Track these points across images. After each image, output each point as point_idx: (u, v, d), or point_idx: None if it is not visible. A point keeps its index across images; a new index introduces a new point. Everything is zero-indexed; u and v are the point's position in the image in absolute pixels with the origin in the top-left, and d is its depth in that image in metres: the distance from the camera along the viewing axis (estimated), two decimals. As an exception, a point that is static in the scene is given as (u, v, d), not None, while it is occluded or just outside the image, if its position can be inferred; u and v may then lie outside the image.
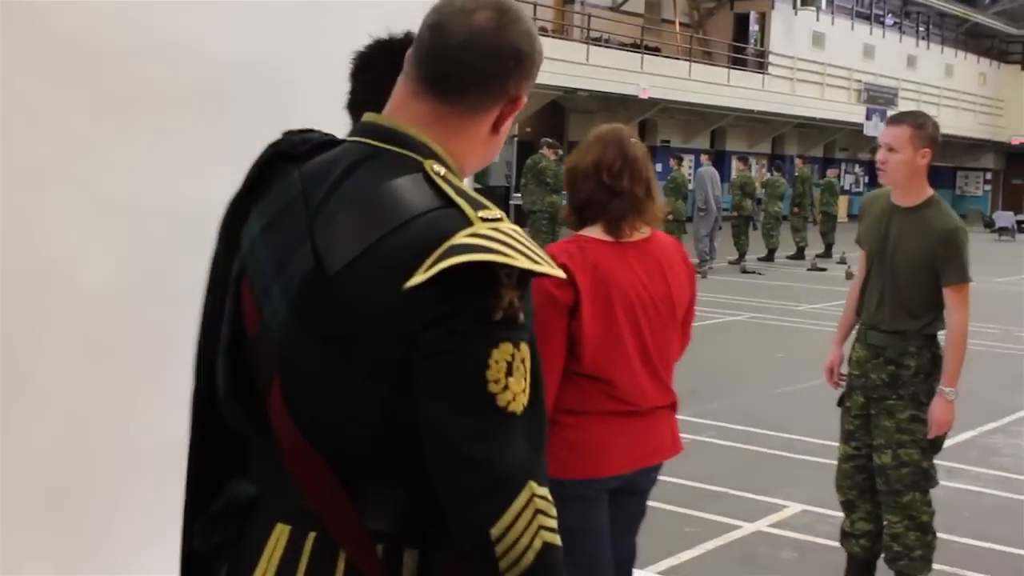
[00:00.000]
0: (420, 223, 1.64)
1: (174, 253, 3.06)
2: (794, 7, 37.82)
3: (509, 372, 1.61)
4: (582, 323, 3.27)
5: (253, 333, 1.78)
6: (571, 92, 29.94)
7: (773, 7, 37.42)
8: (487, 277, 1.60)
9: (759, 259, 22.99)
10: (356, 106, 3.87)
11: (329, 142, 1.88)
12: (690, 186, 22.42)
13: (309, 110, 3.88)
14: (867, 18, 43.06)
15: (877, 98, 39.13)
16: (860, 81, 40.46)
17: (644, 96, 30.28)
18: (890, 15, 44.93)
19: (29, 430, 3.04)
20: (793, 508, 6.67)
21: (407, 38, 3.91)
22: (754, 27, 37.83)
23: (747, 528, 6.33)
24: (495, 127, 1.82)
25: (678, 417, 3.59)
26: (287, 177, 1.83)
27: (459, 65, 1.75)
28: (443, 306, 1.60)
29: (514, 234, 1.64)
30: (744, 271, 21.26)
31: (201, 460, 1.95)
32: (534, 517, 1.61)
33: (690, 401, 8.99)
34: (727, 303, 16.25)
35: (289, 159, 1.86)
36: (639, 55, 31.31)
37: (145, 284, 3.21)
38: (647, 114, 33.12)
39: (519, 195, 20.87)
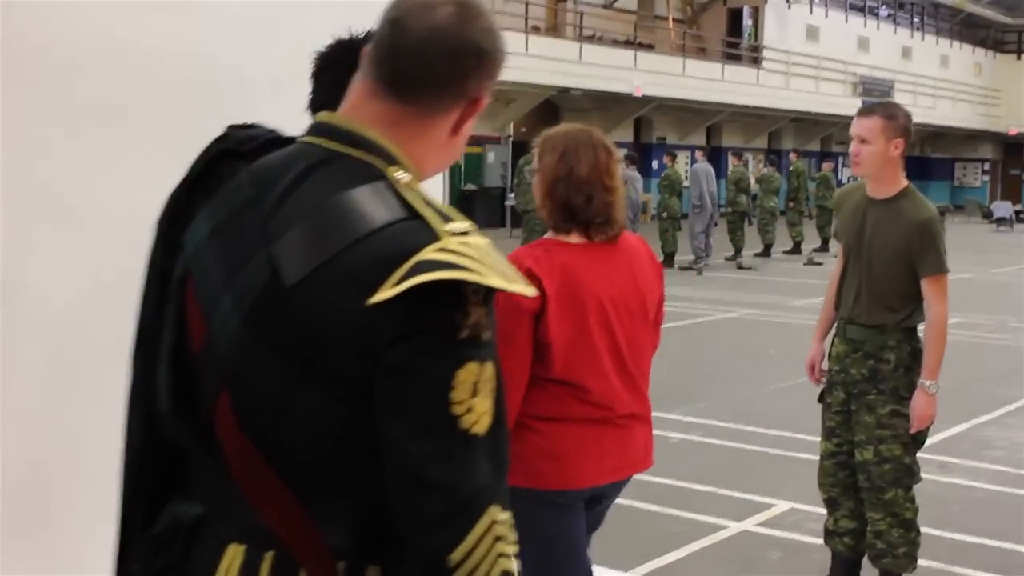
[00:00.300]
0: (384, 235, 1.56)
1: (143, 262, 2.99)
2: (787, 1, 37.77)
3: (474, 393, 1.55)
4: (549, 327, 3.21)
5: (199, 343, 1.69)
6: (564, 91, 29.92)
7: (766, 1, 37.35)
8: (454, 294, 1.53)
9: (755, 255, 22.91)
10: (317, 107, 3.81)
11: (276, 139, 1.80)
12: (685, 183, 22.33)
13: (281, 114, 3.85)
14: (861, 10, 42.98)
15: (873, 90, 39.02)
16: (855, 74, 40.41)
17: (638, 94, 30.21)
18: (884, 7, 44.88)
19: (3, 442, 3.00)
20: (781, 506, 6.58)
21: (367, 37, 3.87)
22: (748, 21, 37.76)
23: (734, 528, 6.24)
24: (455, 128, 1.74)
25: (667, 416, 3.55)
26: (236, 177, 1.74)
27: (418, 63, 1.67)
28: (408, 323, 1.52)
29: (484, 248, 1.57)
30: (740, 267, 21.20)
31: (137, 479, 1.85)
32: (494, 543, 1.55)
33: (680, 400, 8.96)
34: (721, 300, 16.19)
35: (236, 156, 1.78)
36: (632, 52, 31.24)
37: (114, 294, 3.14)
38: (642, 111, 33.07)
39: (513, 195, 20.81)
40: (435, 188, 5.78)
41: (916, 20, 46.80)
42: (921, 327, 4.76)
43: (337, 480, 1.62)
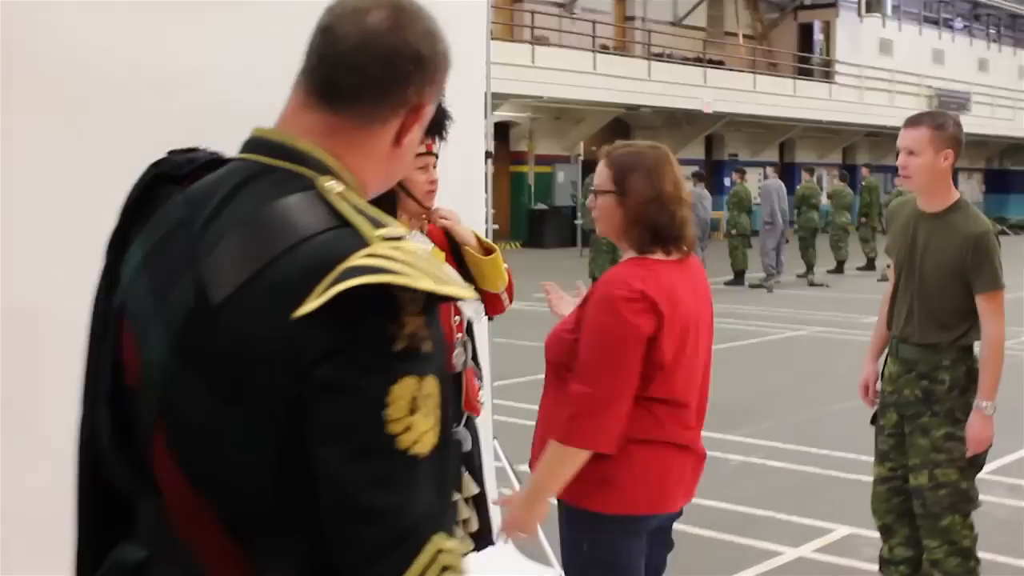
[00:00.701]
0: (311, 245, 1.46)
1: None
2: (859, 14, 37.41)
3: (412, 410, 1.42)
4: (663, 349, 3.12)
5: (134, 376, 1.60)
6: (634, 109, 29.81)
7: (838, 15, 36.98)
8: (387, 303, 1.41)
9: (828, 272, 22.54)
10: None
11: (216, 160, 1.70)
12: (756, 200, 22.07)
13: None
14: (935, 23, 42.42)
15: (949, 103, 38.34)
16: (930, 87, 39.78)
17: (707, 111, 30.00)
18: (959, 19, 44.19)
19: (27, 466, 3.02)
20: (840, 532, 6.37)
21: None
22: (819, 36, 37.41)
23: (790, 554, 6.04)
24: (398, 139, 1.64)
25: (727, 437, 3.48)
26: (169, 201, 1.65)
27: (351, 70, 1.58)
28: (338, 337, 1.40)
29: (418, 253, 1.45)
30: (812, 284, 20.85)
31: (87, 522, 1.76)
32: (441, 574, 1.43)
33: (741, 421, 8.77)
34: (791, 318, 15.92)
35: (173, 181, 1.69)
36: (702, 69, 31.06)
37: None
38: (712, 128, 32.85)
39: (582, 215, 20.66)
40: (477, 206, 5.73)
41: (992, 31, 46.06)
42: (977, 345, 4.56)
43: (280, 518, 1.50)
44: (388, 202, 3.77)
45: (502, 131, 30.29)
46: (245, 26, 4.60)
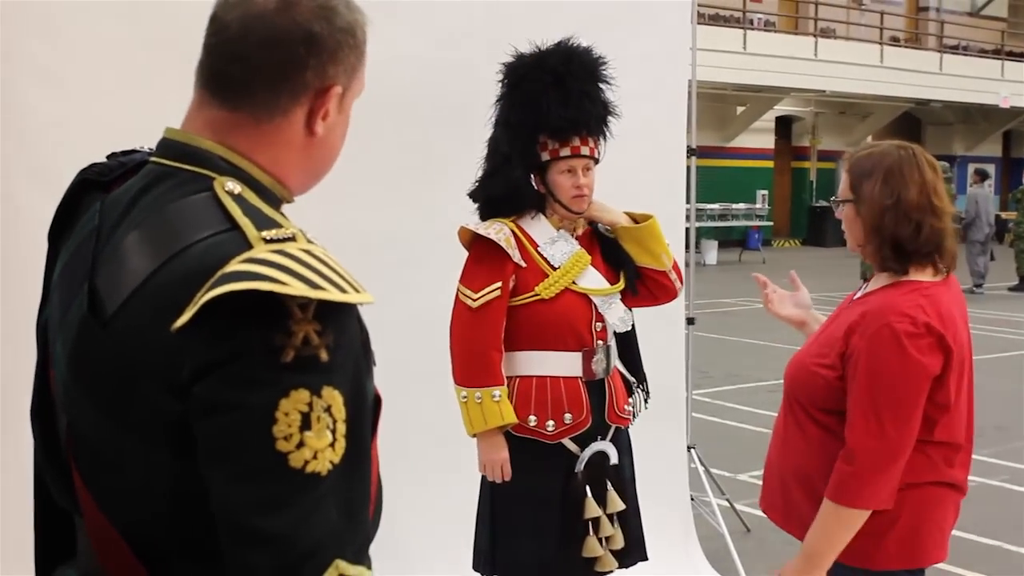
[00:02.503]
0: (197, 250, 1.36)
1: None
2: None
3: (305, 425, 1.30)
4: (949, 388, 2.77)
5: (53, 392, 1.54)
6: (924, 103, 28.64)
7: None
8: (272, 311, 1.29)
9: None
10: (509, 125, 3.66)
11: (147, 162, 1.60)
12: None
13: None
14: None
15: None
16: None
17: (1005, 105, 28.47)
18: None
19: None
20: (1076, 569, 5.82)
21: (557, 49, 3.67)
22: None
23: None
24: (310, 129, 1.52)
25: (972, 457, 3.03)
26: (90, 209, 1.57)
27: (237, 60, 1.47)
28: (218, 349, 1.30)
29: (301, 255, 1.33)
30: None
31: (40, 543, 1.71)
32: None
33: (991, 439, 8.17)
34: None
35: (99, 187, 1.60)
36: (999, 62, 29.46)
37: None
38: (1011, 124, 31.18)
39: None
40: (675, 204, 5.51)
41: None
42: None
43: (184, 542, 1.41)
44: (537, 206, 3.64)
45: (784, 126, 29.65)
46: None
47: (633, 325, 3.85)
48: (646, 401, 3.94)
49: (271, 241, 1.35)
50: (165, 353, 1.32)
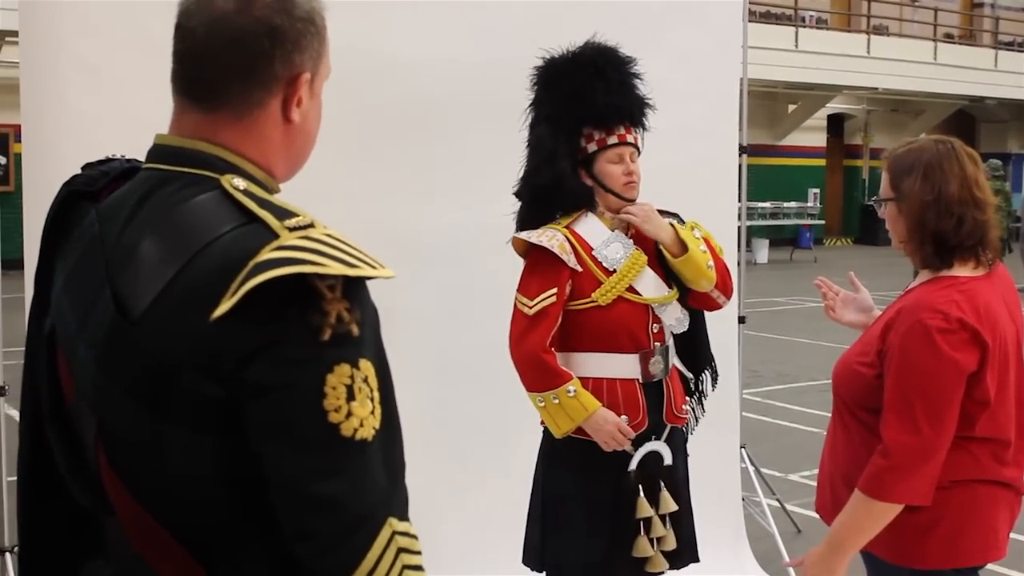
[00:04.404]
0: (220, 245, 1.44)
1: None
2: None
3: (350, 396, 1.41)
4: (987, 384, 2.77)
5: (70, 398, 1.60)
6: (978, 101, 28.33)
7: None
8: (305, 294, 1.38)
9: None
10: (548, 123, 3.67)
11: (132, 170, 1.68)
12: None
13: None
14: None
15: None
16: None
17: (1061, 102, 28.14)
18: None
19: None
20: None
21: (587, 49, 3.68)
22: None
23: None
24: (286, 116, 1.59)
25: None
26: (85, 218, 1.64)
27: (206, 62, 1.55)
28: (261, 334, 1.39)
29: (326, 239, 1.43)
30: None
31: (46, 543, 1.76)
32: (397, 557, 1.43)
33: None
34: None
35: (87, 197, 1.68)
36: (1057, 58, 29.11)
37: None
38: (1068, 121, 30.80)
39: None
40: (726, 202, 5.48)
41: None
42: None
43: (232, 526, 1.49)
44: (586, 197, 3.64)
45: (836, 124, 29.44)
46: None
47: (702, 314, 3.87)
48: (714, 382, 3.99)
49: (295, 229, 1.42)
50: (205, 343, 1.40)
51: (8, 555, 4.39)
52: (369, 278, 1.42)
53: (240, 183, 1.51)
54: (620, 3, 4.79)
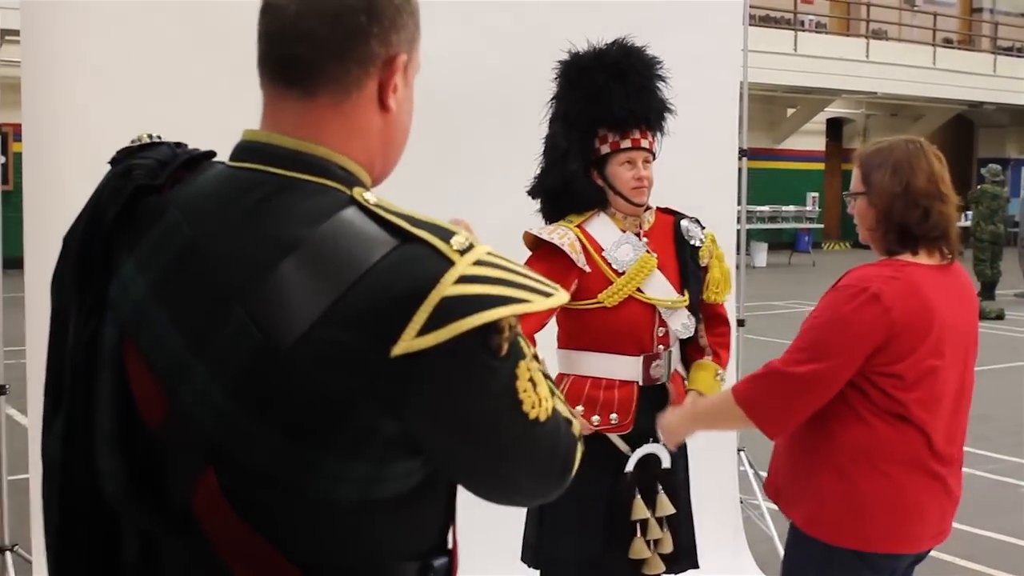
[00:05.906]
0: (387, 268, 1.35)
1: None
2: None
3: (534, 386, 1.46)
4: (898, 356, 2.87)
5: (158, 419, 1.45)
6: (977, 105, 28.34)
7: None
8: (488, 324, 1.36)
9: None
10: (569, 119, 3.66)
11: (192, 159, 1.56)
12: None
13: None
14: None
15: None
16: None
17: (1060, 107, 28.16)
18: None
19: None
20: None
21: (614, 46, 3.68)
22: None
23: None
24: (383, 103, 1.50)
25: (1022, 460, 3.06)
26: (160, 216, 1.48)
27: (301, 40, 1.44)
28: (447, 366, 1.35)
29: (498, 262, 1.38)
30: None
31: (94, 562, 1.57)
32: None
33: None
34: None
35: (148, 191, 1.52)
36: (1055, 63, 29.15)
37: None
38: (1065, 127, 30.82)
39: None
40: (725, 206, 5.48)
41: None
42: None
43: (349, 550, 1.45)
44: (597, 198, 3.63)
45: (835, 128, 29.45)
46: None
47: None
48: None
49: (463, 252, 1.36)
50: (381, 376, 1.33)
51: (8, 554, 4.39)
52: (554, 307, 1.45)
53: (371, 196, 1.42)
54: (620, 5, 4.79)
